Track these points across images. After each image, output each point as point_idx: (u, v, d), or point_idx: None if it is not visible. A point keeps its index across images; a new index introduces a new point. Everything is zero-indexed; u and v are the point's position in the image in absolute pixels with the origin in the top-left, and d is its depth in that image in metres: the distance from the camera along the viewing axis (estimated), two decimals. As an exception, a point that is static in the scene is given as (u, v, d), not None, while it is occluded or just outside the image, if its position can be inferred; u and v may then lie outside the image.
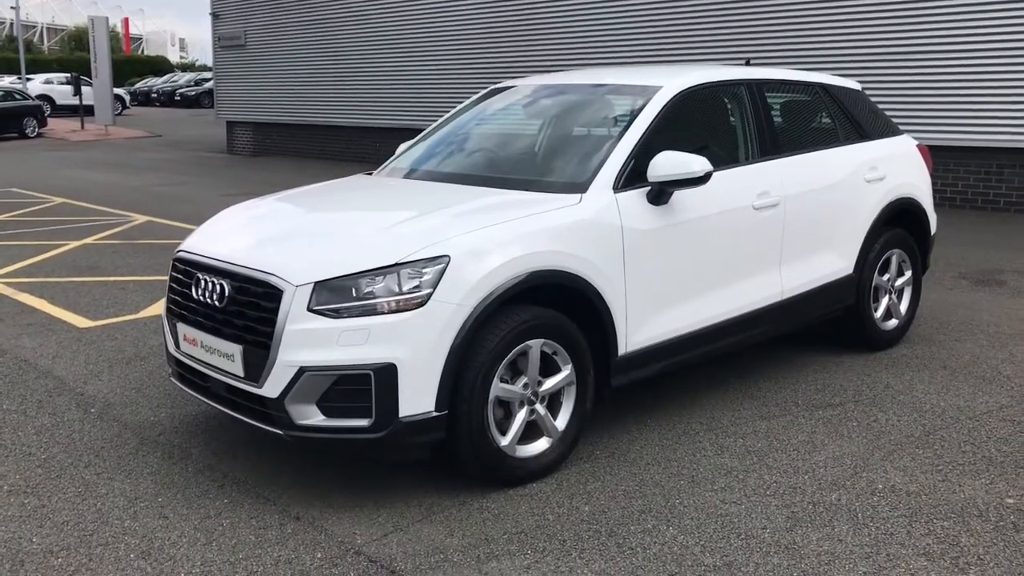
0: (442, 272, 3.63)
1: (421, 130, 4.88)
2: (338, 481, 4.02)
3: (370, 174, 5.34)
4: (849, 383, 5.16)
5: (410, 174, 4.97)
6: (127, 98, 43.34)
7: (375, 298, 3.61)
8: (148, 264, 8.72)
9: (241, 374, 3.79)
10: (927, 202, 5.90)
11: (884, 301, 5.70)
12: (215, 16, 22.43)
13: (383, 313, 3.59)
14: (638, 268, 4.20)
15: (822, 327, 5.67)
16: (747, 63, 5.93)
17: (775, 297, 4.91)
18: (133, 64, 64.42)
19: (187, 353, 4.13)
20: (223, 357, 3.87)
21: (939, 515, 3.64)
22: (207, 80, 48.23)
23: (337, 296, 3.62)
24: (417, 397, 3.60)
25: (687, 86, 4.73)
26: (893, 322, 5.76)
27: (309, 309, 3.61)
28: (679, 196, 4.36)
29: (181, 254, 4.26)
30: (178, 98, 47.43)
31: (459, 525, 3.62)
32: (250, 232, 4.28)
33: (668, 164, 4.21)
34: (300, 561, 3.39)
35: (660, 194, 4.29)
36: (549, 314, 3.91)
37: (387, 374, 3.54)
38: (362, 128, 18.79)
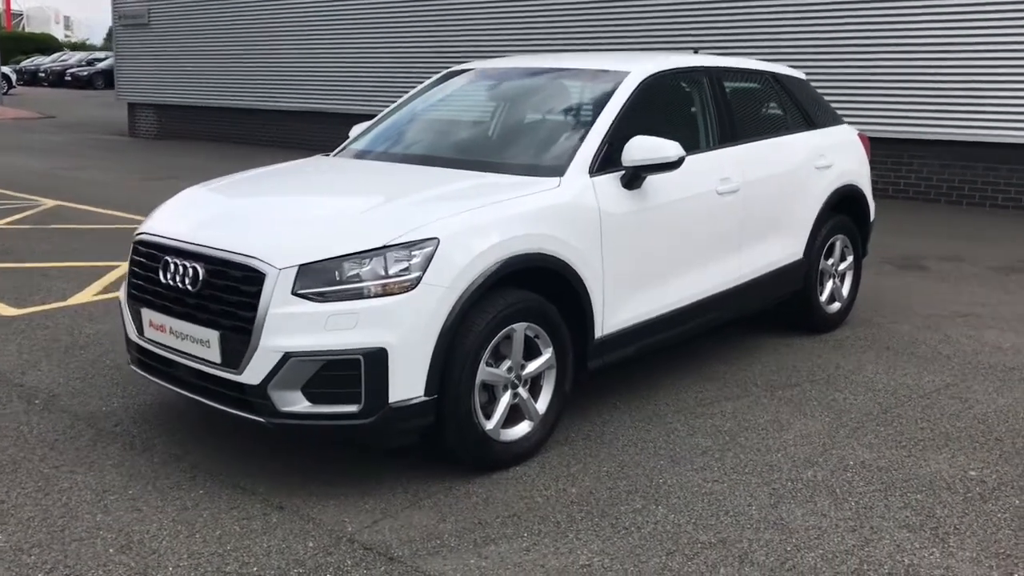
0: (431, 255, 3.58)
1: (341, 115, 4.78)
2: (315, 469, 3.93)
3: (327, 155, 5.22)
4: (802, 364, 5.31)
5: (378, 156, 4.87)
6: (13, 77, 41.26)
7: (361, 281, 3.53)
8: (66, 249, 8.33)
9: (218, 360, 3.66)
10: (868, 189, 6.11)
11: (829, 285, 5.89)
12: (115, -7, 21.52)
13: (370, 297, 3.52)
14: (614, 251, 4.23)
15: (772, 310, 5.82)
16: (695, 52, 6.02)
17: (736, 280, 5.01)
18: (16, 41, 61.34)
19: (153, 340, 3.96)
20: (196, 343, 3.73)
21: (911, 488, 3.78)
22: (100, 60, 46.39)
23: (322, 279, 3.53)
24: (407, 382, 3.54)
25: (653, 72, 4.78)
26: (836, 305, 5.95)
27: (293, 293, 3.51)
28: (650, 180, 4.40)
29: (144, 237, 4.09)
30: (68, 78, 45.40)
31: (450, 510, 3.59)
32: (220, 214, 4.14)
33: (643, 148, 4.24)
34: (292, 551, 3.31)
35: (634, 178, 4.32)
36: (532, 297, 3.90)
37: (377, 359, 3.47)
38: (277, 112, 18.33)
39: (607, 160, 4.32)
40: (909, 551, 3.30)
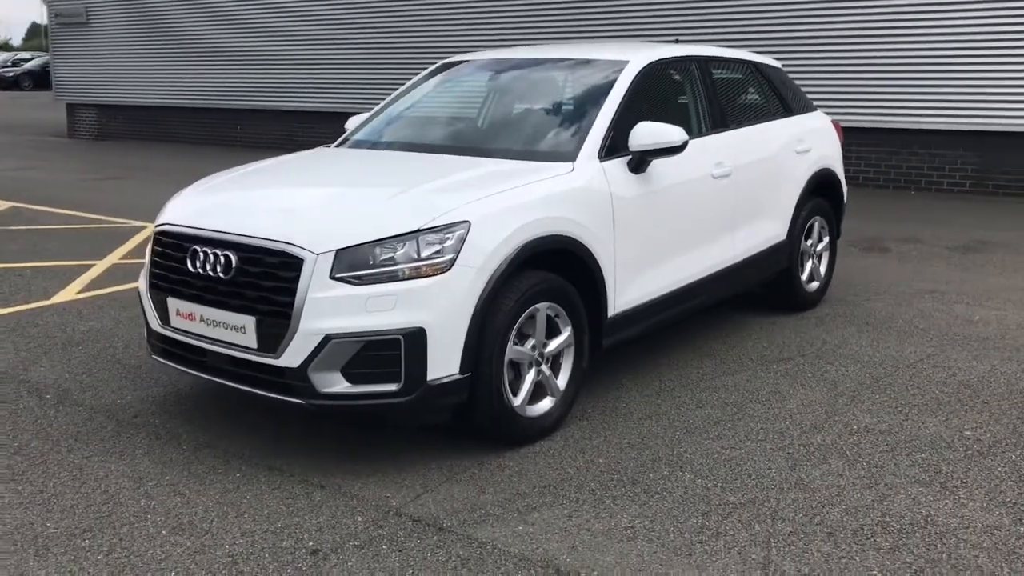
0: (464, 237, 3.70)
1: (292, 113, 4.76)
2: (346, 450, 4.03)
3: (329, 146, 5.29)
4: (790, 340, 5.55)
5: (386, 145, 4.96)
6: (-66, 79, 39.96)
7: (396, 264, 3.64)
8: (37, 250, 8.22)
9: (254, 346, 3.73)
10: (841, 173, 6.39)
11: (808, 265, 6.15)
12: (50, -9, 21.03)
13: (405, 279, 3.63)
14: (625, 233, 4.40)
15: (757, 289, 6.05)
16: (676, 41, 6.21)
17: (731, 260, 5.23)
18: (-66, 43, 59.23)
19: (181, 328, 4.01)
20: (231, 330, 3.79)
21: (915, 448, 4.03)
22: (26, 60, 45.17)
23: (359, 263, 3.63)
24: (443, 361, 3.67)
25: (651, 60, 4.96)
26: (815, 284, 6.22)
27: (331, 277, 3.61)
28: (654, 164, 4.58)
29: (167, 228, 4.13)
30: (-7, 79, 44.05)
31: (487, 483, 3.72)
32: (245, 203, 4.21)
33: (649, 134, 4.42)
34: (343, 526, 3.41)
35: (640, 163, 4.50)
36: (553, 278, 4.05)
37: (416, 339, 3.59)
38: (225, 110, 18.13)
39: (613, 146, 4.49)
40: (924, 504, 3.53)
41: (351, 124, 5.51)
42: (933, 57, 10.96)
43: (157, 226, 4.22)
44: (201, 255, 3.89)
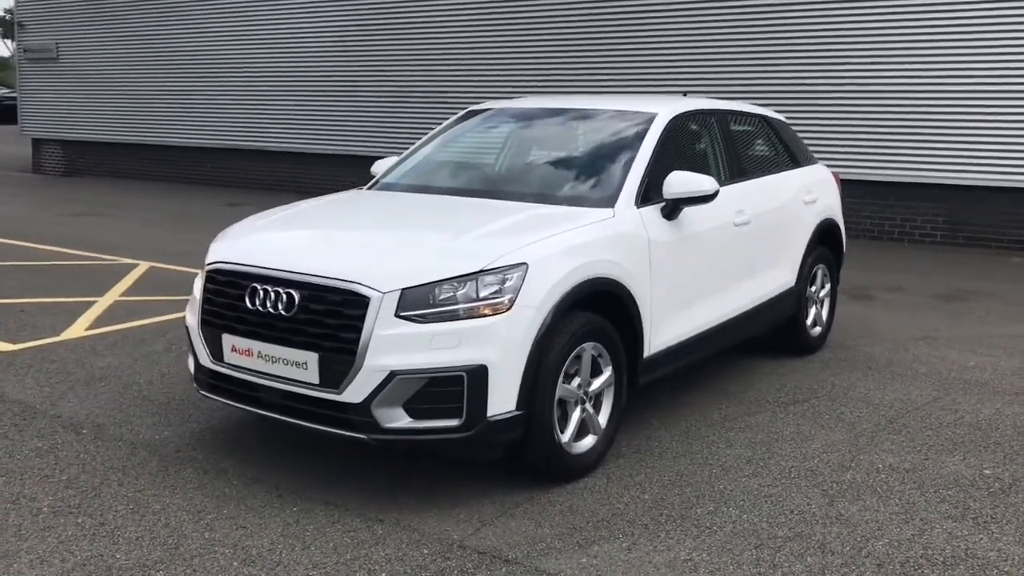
0: (523, 279, 3.85)
1: (255, 151, 4.81)
2: (397, 485, 4.11)
3: (362, 189, 5.42)
4: (801, 383, 5.76)
5: (424, 189, 5.10)
6: None
7: (457, 303, 3.78)
8: (32, 286, 8.17)
9: (315, 381, 3.82)
10: (842, 223, 6.68)
11: (812, 310, 6.39)
12: (21, 25, 20.92)
13: (464, 318, 3.76)
14: (660, 277, 4.58)
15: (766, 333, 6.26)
16: (684, 95, 6.48)
17: (749, 304, 5.44)
18: None
19: (235, 364, 4.08)
20: (291, 366, 3.88)
21: (941, 486, 4.23)
22: (-19, 94, 44.54)
23: (422, 302, 3.76)
24: (502, 397, 3.79)
25: (678, 112, 5.20)
26: (818, 329, 6.46)
27: (396, 315, 3.73)
28: (685, 212, 4.79)
29: (222, 266, 4.21)
30: (-54, 113, 43.31)
31: (542, 517, 3.83)
32: (301, 243, 4.32)
33: (682, 182, 4.63)
34: (411, 558, 3.49)
35: (673, 210, 4.71)
36: (597, 319, 4.21)
37: (479, 375, 3.72)
38: (193, 148, 18.11)
39: (646, 193, 4.69)
40: (960, 538, 3.72)
41: (378, 168, 5.64)
42: (907, 113, 11.43)
43: (209, 264, 4.30)
44: (261, 292, 3.98)
